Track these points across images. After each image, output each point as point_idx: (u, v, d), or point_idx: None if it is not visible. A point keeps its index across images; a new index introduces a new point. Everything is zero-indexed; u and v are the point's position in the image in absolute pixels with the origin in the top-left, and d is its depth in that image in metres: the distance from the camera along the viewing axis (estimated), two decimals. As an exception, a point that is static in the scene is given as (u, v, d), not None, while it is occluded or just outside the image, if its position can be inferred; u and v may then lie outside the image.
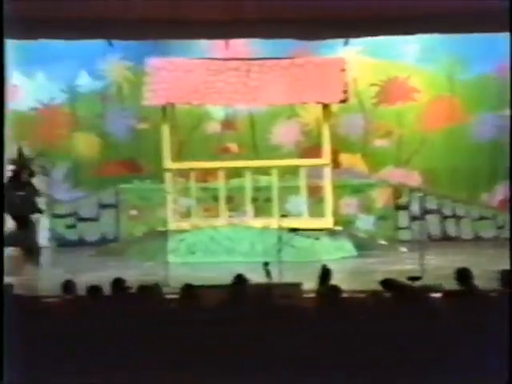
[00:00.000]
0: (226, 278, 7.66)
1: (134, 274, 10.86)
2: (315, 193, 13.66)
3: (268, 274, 8.81)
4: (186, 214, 13.69)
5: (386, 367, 6.07)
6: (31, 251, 12.35)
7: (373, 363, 6.07)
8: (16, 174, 12.71)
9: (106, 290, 7.37)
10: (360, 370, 6.07)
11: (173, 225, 13.23)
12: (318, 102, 13.58)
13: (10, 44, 14.07)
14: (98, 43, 14.28)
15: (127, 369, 6.23)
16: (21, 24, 12.70)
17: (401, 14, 12.81)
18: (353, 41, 14.27)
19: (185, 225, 13.34)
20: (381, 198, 14.77)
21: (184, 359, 6.21)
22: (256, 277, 8.30)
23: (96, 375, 6.20)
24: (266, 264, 8.86)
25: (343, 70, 13.63)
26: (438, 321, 6.33)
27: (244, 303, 6.75)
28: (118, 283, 7.54)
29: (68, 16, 12.88)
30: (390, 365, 6.08)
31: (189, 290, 7.23)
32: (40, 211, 13.01)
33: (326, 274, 7.93)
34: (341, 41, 14.18)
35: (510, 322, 6.16)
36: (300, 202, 13.53)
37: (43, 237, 14.34)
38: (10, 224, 12.67)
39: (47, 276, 11.88)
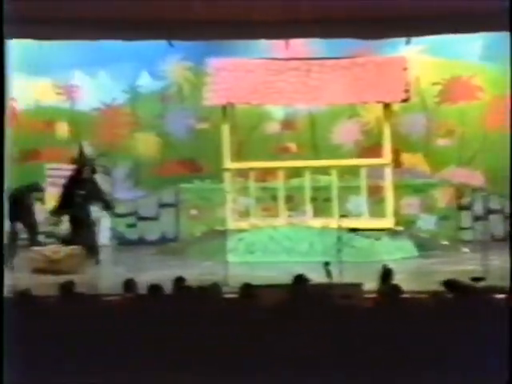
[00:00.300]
0: (286, 278, 7.61)
1: (194, 273, 10.89)
2: (376, 193, 13.55)
3: (329, 273, 8.74)
4: (245, 214, 13.69)
5: (448, 367, 5.98)
6: (92, 249, 12.46)
7: (435, 363, 5.99)
8: (77, 173, 12.83)
9: (167, 288, 7.38)
10: (421, 370, 5.99)
11: (232, 224, 13.23)
12: (379, 102, 13.46)
13: (74, 45, 14.28)
14: (158, 44, 14.37)
15: (187, 368, 6.22)
16: (75, 24, 12.91)
17: (462, 12, 12.63)
18: (415, 40, 14.13)
19: (244, 224, 13.33)
20: (443, 197, 14.58)
21: (243, 358, 6.19)
22: (315, 277, 8.24)
23: (158, 373, 6.20)
24: (326, 264, 8.79)
25: (405, 69, 13.51)
26: (502, 321, 6.21)
27: (304, 303, 6.70)
28: (178, 282, 7.56)
29: (130, 17, 12.99)
30: (452, 364, 5.99)
31: (248, 289, 7.21)
32: (108, 204, 13.08)
33: (387, 273, 7.84)
34: (403, 40, 14.05)
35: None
36: (360, 201, 13.43)
37: (104, 235, 14.50)
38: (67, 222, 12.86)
39: (108, 274, 11.99)
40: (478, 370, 6.01)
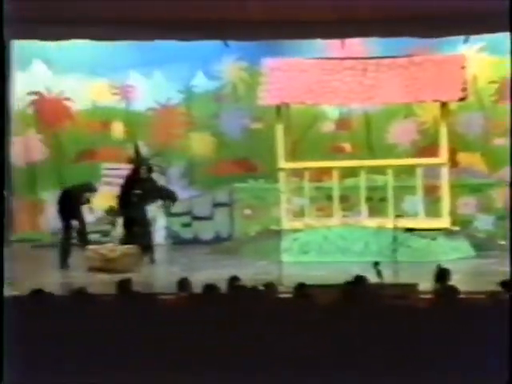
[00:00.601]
0: (341, 278, 7.56)
1: (248, 272, 10.90)
2: (432, 192, 13.41)
3: (379, 273, 8.66)
4: (300, 214, 13.65)
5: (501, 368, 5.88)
6: (147, 249, 12.50)
7: (493, 364, 5.89)
8: (134, 173, 12.90)
9: (221, 288, 7.38)
10: (478, 370, 5.90)
11: (286, 224, 13.20)
12: (436, 101, 13.31)
13: (129, 45, 14.39)
14: (214, 44, 14.40)
15: (241, 367, 6.20)
16: (131, 25, 13.02)
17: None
18: (473, 38, 13.97)
19: (298, 224, 13.29)
20: (500, 197, 14.35)
21: (298, 358, 6.15)
22: (369, 277, 8.16)
23: (212, 372, 6.19)
24: (376, 264, 8.70)
25: (463, 68, 13.34)
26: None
27: (358, 303, 6.65)
28: (233, 281, 7.55)
29: (185, 17, 13.05)
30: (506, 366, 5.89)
31: (302, 289, 7.18)
32: (172, 196, 13.11)
33: (442, 274, 7.74)
34: (461, 38, 13.90)
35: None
36: (416, 201, 13.31)
37: (159, 235, 14.58)
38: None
39: (163, 273, 12.04)
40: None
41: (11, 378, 6.19)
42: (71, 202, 12.54)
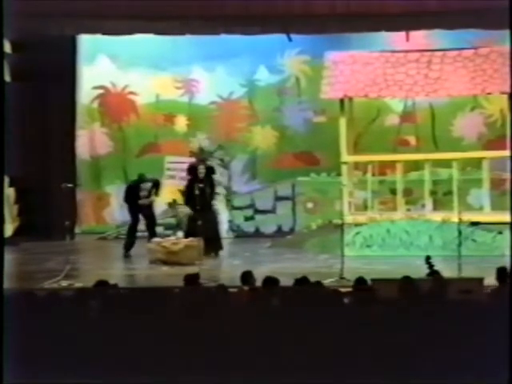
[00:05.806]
0: (404, 272, 7.47)
1: (310, 266, 10.85)
2: (498, 185, 13.21)
3: (431, 268, 8.52)
4: (363, 207, 13.56)
5: None
6: (212, 242, 12.48)
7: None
8: (193, 166, 12.92)
9: (283, 282, 7.35)
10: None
11: (349, 218, 13.11)
12: (503, 93, 13.08)
13: (192, 40, 14.39)
14: (276, 38, 14.33)
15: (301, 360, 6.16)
16: (204, 20, 13.03)
17: None
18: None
19: (361, 218, 13.19)
20: None
21: (359, 353, 6.09)
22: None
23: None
24: (428, 258, 8.57)
25: (531, 59, 13.07)
26: None
27: (422, 296, 6.56)
28: (301, 282, 7.39)
29: (249, 11, 13.03)
30: None
31: (363, 283, 7.12)
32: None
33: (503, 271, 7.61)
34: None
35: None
36: (482, 194, 13.11)
37: (222, 228, 14.59)
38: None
39: (226, 267, 12.05)
40: None
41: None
42: (136, 195, 12.62)
